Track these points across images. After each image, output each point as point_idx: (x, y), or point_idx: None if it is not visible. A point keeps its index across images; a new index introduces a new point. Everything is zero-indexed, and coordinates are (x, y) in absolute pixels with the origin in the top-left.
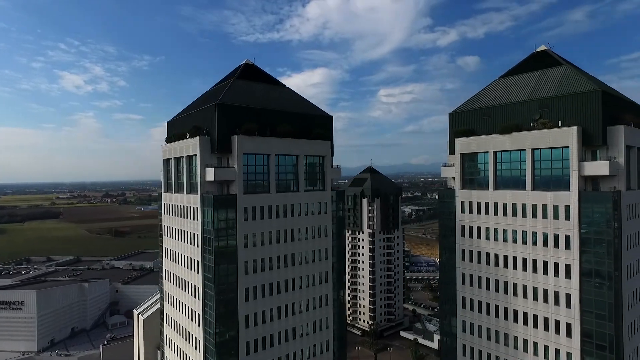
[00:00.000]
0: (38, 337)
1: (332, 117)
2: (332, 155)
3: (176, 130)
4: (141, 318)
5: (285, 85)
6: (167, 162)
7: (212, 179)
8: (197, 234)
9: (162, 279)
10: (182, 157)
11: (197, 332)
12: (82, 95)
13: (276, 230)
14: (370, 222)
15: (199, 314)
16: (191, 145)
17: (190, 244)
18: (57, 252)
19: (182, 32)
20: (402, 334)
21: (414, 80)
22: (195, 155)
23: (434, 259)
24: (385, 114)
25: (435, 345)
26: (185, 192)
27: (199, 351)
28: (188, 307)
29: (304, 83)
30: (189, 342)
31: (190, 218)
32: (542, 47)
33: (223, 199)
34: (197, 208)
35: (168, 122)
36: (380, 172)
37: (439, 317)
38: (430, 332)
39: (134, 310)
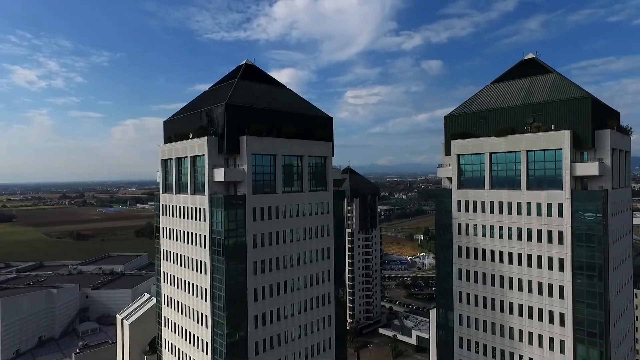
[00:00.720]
0: (2, 348)
1: (332, 118)
2: (332, 155)
3: (176, 130)
4: (126, 323)
5: (285, 86)
6: (165, 162)
7: (223, 179)
8: (205, 235)
9: (160, 282)
10: (186, 157)
11: (204, 334)
12: (36, 92)
13: (282, 230)
14: (350, 222)
15: (206, 316)
16: (197, 146)
17: (196, 245)
18: (15, 258)
19: (145, 28)
20: (381, 331)
21: (380, 82)
22: (203, 155)
23: (406, 257)
24: (352, 115)
25: (413, 340)
26: (189, 193)
27: (206, 353)
28: (193, 310)
29: None
30: (194, 345)
31: (196, 219)
32: (530, 55)
33: (233, 200)
34: (204, 209)
35: (165, 122)
36: (358, 173)
37: (436, 312)
38: (408, 329)
39: (117, 316)
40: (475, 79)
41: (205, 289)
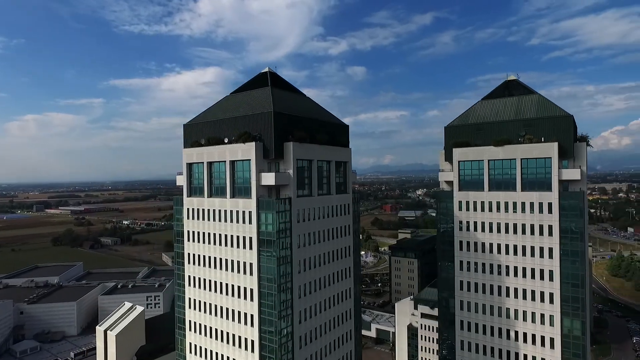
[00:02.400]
0: None
1: (348, 125)
2: (350, 160)
3: (208, 135)
4: (111, 334)
5: (303, 93)
6: (191, 166)
7: (273, 183)
8: (250, 237)
9: (182, 287)
10: (224, 161)
11: (249, 333)
12: None
13: (318, 230)
14: None
15: (251, 315)
16: (241, 150)
17: (239, 247)
18: None
19: (51, 13)
20: None
21: (307, 85)
22: (248, 160)
23: None
24: None
25: (372, 334)
26: (228, 197)
27: (252, 351)
28: (233, 311)
29: (195, 81)
30: (234, 345)
31: (238, 222)
32: (512, 77)
33: (282, 203)
34: (249, 212)
35: (187, 125)
36: None
37: (438, 301)
38: (367, 322)
39: (97, 327)
40: (396, 85)
41: (251, 289)
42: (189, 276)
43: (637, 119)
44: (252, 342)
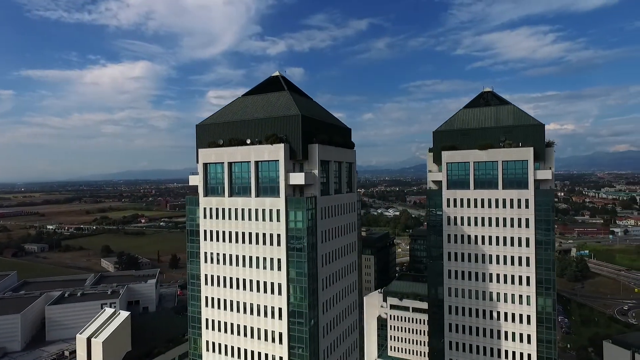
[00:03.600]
0: None
1: (351, 129)
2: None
3: (228, 136)
4: (97, 341)
5: (310, 97)
6: (208, 166)
7: (303, 182)
8: (279, 234)
9: (197, 285)
10: (249, 162)
11: (278, 326)
12: None
13: (335, 227)
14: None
15: (279, 308)
16: (268, 151)
17: (266, 244)
18: None
19: None
20: None
21: (244, 84)
22: (276, 161)
23: None
24: None
25: None
26: (252, 196)
27: (280, 343)
28: (259, 305)
29: (123, 75)
30: (261, 338)
31: (266, 220)
32: (488, 89)
33: (310, 201)
34: (278, 210)
35: (200, 126)
36: None
37: (427, 288)
38: None
39: (78, 335)
40: (333, 88)
41: (279, 284)
42: (206, 275)
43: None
44: (280, 334)
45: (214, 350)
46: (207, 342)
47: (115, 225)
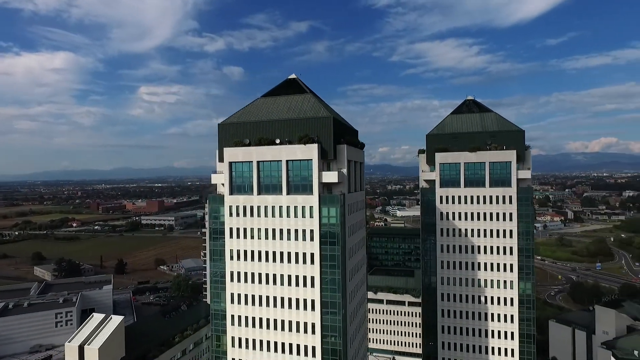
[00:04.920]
0: None
1: (357, 130)
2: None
3: (256, 136)
4: (91, 348)
5: (320, 97)
6: (234, 164)
7: (335, 180)
8: (312, 230)
9: (221, 283)
10: (280, 161)
11: (311, 317)
12: None
13: (353, 223)
14: None
15: (312, 300)
16: (300, 151)
17: (299, 239)
18: None
19: None
20: None
21: (180, 81)
22: (310, 160)
23: None
24: (147, 113)
25: None
26: (284, 193)
27: (313, 333)
28: (291, 299)
29: (42, 66)
30: (293, 330)
31: (298, 216)
32: (470, 97)
33: (342, 198)
34: (311, 207)
35: (223, 125)
36: None
37: (421, 278)
38: None
39: (67, 343)
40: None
41: (312, 277)
42: (232, 272)
43: None
44: (313, 324)
45: (240, 346)
46: (233, 338)
47: (43, 230)
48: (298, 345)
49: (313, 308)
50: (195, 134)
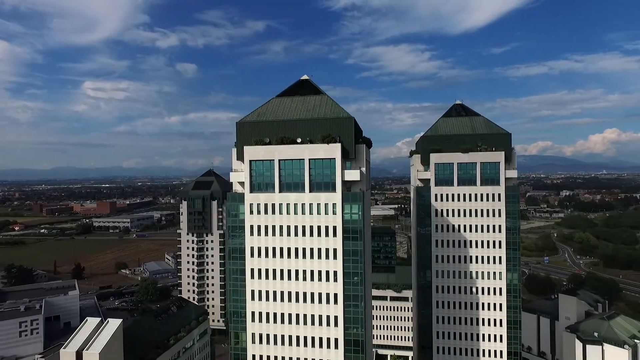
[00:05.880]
0: None
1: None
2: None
3: (277, 135)
4: (91, 353)
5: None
6: (255, 162)
7: (358, 179)
8: (334, 226)
9: (240, 280)
10: (302, 159)
11: (333, 310)
12: None
13: (369, 217)
14: (220, 224)
15: (335, 294)
16: (323, 150)
17: (321, 235)
18: None
19: None
20: None
21: (129, 77)
22: (333, 158)
23: None
24: (92, 109)
25: None
26: (306, 191)
27: (335, 325)
28: (315, 292)
29: None
30: (315, 323)
31: (321, 213)
32: (458, 102)
33: (363, 196)
34: (334, 204)
35: (240, 123)
36: (221, 176)
37: (417, 272)
38: None
39: (62, 350)
40: (227, 87)
41: (335, 271)
42: (252, 269)
43: (420, 132)
44: (336, 317)
45: (261, 342)
46: (254, 334)
47: None
48: (321, 338)
49: (336, 301)
50: (145, 133)
